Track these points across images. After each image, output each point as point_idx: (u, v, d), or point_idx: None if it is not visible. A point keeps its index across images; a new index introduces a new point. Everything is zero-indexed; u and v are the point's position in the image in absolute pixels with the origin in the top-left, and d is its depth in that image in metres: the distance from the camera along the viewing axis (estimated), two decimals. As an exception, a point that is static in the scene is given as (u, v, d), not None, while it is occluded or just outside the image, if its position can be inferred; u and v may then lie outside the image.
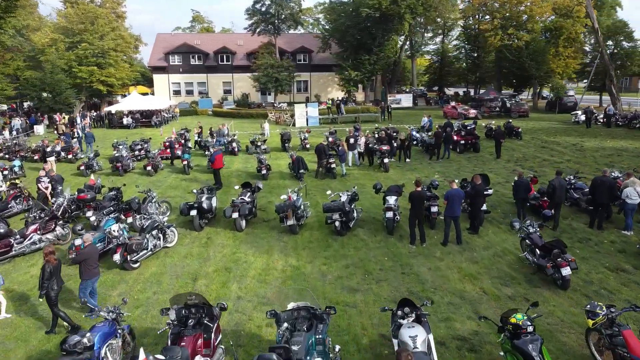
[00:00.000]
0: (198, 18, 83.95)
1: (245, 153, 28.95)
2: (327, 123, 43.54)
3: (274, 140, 33.12)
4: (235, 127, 41.33)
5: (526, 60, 45.38)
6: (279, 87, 54.22)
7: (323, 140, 28.36)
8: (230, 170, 24.41)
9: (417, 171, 22.86)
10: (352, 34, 51.64)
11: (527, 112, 42.59)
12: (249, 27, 55.28)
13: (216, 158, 20.72)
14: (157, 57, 62.43)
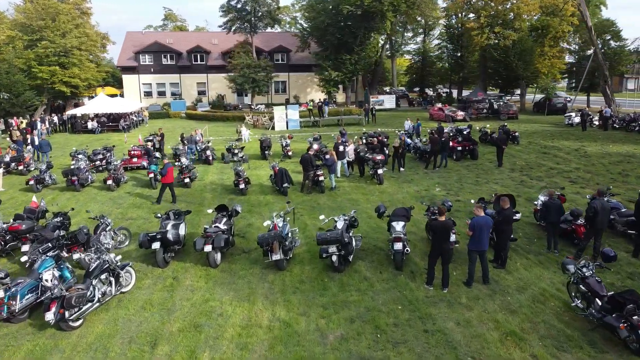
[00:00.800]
0: (170, 16, 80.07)
1: (221, 161, 25.94)
2: (308, 126, 40.77)
3: (253, 146, 30.16)
4: (209, 131, 38.17)
5: (513, 60, 43.38)
6: (256, 88, 51.20)
7: (308, 148, 25.84)
8: (203, 183, 21.39)
9: (414, 183, 20.25)
10: (332, 32, 48.94)
11: (516, 114, 40.57)
12: (224, 25, 52.06)
13: (168, 171, 17.73)
14: (126, 56, 58.68)
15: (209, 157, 25.30)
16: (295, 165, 24.17)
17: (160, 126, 35.11)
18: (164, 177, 17.81)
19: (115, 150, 28.73)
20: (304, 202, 17.92)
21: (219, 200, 18.63)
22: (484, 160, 24.26)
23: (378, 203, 17.09)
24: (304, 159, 18.89)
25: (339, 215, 13.07)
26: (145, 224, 15.72)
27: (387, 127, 38.52)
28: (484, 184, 19.63)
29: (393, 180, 20.71)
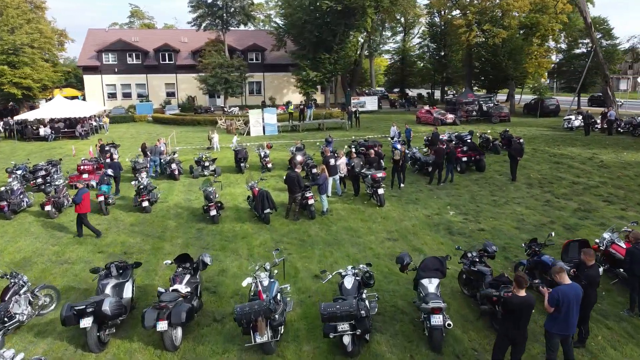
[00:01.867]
0: (137, 13, 74.86)
1: (189, 176, 22.00)
2: (287, 131, 37.03)
3: (226, 156, 26.25)
4: (177, 138, 34.00)
5: (503, 59, 40.56)
6: (229, 89, 47.14)
7: (290, 159, 22.18)
8: (166, 206, 17.44)
9: (421, 204, 16.77)
10: (310, 30, 45.36)
11: (508, 117, 37.69)
12: (194, 21, 47.76)
13: (83, 198, 13.83)
14: (87, 55, 53.76)
15: (175, 172, 21.31)
16: (277, 181, 20.50)
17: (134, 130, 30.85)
18: (77, 206, 13.87)
19: (66, 163, 24.54)
20: (291, 234, 14.22)
21: (184, 230, 14.78)
22: (492, 173, 20.99)
23: (383, 234, 13.65)
24: (289, 179, 15.18)
25: (345, 267, 9.43)
26: (84, 273, 11.76)
27: (372, 132, 35.10)
28: (504, 205, 16.29)
29: (395, 201, 17.18)
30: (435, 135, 24.16)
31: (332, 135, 26.26)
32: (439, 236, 13.56)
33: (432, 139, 24.22)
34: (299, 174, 15.29)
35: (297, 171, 15.39)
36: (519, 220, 14.66)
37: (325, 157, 17.77)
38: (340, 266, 11.64)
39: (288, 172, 15.41)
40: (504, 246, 12.57)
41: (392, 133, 27.89)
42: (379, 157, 18.95)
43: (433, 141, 23.98)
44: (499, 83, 44.58)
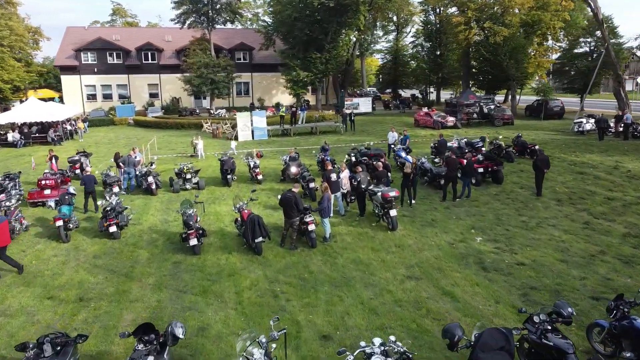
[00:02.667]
0: (119, 11, 71.35)
1: (169, 190, 19.20)
2: (277, 135, 34.29)
3: (211, 165, 23.46)
4: (159, 143, 31.08)
5: (504, 58, 38.24)
6: (216, 91, 44.25)
7: (284, 170, 19.52)
8: (139, 230, 14.64)
9: (440, 227, 14.18)
10: (300, 28, 42.65)
11: (511, 119, 35.36)
12: (177, 18, 44.72)
13: (0, 228, 11.11)
14: (65, 54, 50.45)
15: (152, 186, 18.46)
16: (268, 196, 17.84)
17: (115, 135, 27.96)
18: None
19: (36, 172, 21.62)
20: (289, 269, 11.55)
21: (158, 264, 12.03)
22: (511, 185, 18.50)
23: (402, 269, 11.07)
24: (286, 201, 12.50)
25: (371, 342, 6.76)
26: (22, 332, 8.97)
27: (369, 137, 32.52)
28: (537, 228, 13.78)
29: (408, 222, 14.58)
30: (442, 143, 21.65)
31: (327, 142, 23.56)
32: (470, 273, 10.97)
33: (439, 147, 21.71)
34: (296, 194, 12.60)
35: (294, 191, 12.69)
36: (561, 249, 12.14)
37: (326, 172, 15.07)
38: (354, 319, 9.08)
39: (284, 193, 12.70)
40: (556, 288, 10.04)
41: (390, 139, 25.02)
42: (387, 170, 16.33)
43: (440, 150, 21.51)
44: (499, 83, 42.27)
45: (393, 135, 24.88)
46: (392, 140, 24.76)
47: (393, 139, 24.74)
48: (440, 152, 21.32)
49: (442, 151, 21.20)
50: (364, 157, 19.82)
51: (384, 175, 15.40)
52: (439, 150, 21.59)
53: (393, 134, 24.95)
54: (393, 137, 24.82)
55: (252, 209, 14.36)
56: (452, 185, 16.61)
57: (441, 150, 21.35)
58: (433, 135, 31.82)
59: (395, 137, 24.68)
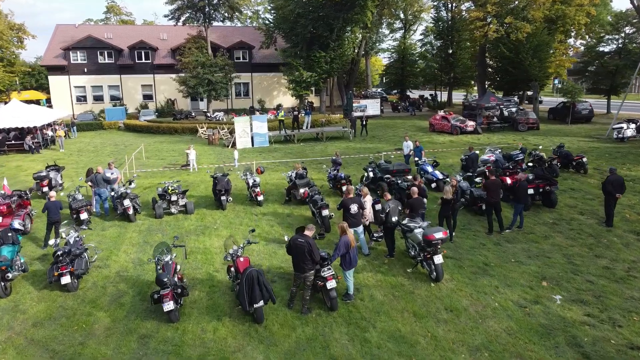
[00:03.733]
0: (113, 8, 67.63)
1: (151, 213, 15.69)
2: (279, 142, 30.74)
3: (204, 179, 19.91)
4: (148, 151, 27.57)
5: (526, 56, 34.67)
6: (213, 92, 40.69)
7: (289, 189, 16.05)
8: (104, 277, 11.12)
9: (496, 274, 10.66)
10: (303, 24, 39.13)
11: (537, 124, 31.82)
12: (172, 14, 41.10)
13: None
14: (54, 53, 46.90)
15: (129, 210, 14.91)
16: (270, 224, 14.37)
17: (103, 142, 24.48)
18: None
19: None
20: (301, 350, 8.05)
21: (119, 337, 8.54)
22: (567, 210, 14.98)
23: (464, 355, 7.52)
24: (296, 249, 8.99)
25: None
26: None
27: (380, 143, 29.01)
28: (631, 280, 10.27)
29: (454, 268, 11.04)
30: (474, 158, 18.08)
31: (338, 152, 20.00)
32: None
33: (468, 162, 18.15)
34: (310, 240, 9.06)
35: (307, 235, 9.15)
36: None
37: (344, 200, 11.48)
38: None
39: (293, 238, 9.16)
40: None
41: (405, 149, 21.43)
42: (423, 195, 12.78)
43: (469, 165, 17.96)
44: (519, 84, 38.71)
45: (408, 144, 21.35)
46: (408, 150, 21.24)
47: (408, 149, 21.22)
48: (467, 168, 17.83)
49: (471, 167, 17.72)
50: (387, 176, 16.30)
51: (421, 205, 11.86)
52: (468, 165, 18.08)
53: (408, 143, 21.41)
54: (408, 146, 21.30)
55: (250, 252, 10.89)
56: (496, 213, 13.08)
57: (471, 166, 17.85)
58: (453, 142, 28.35)
59: (410, 147, 21.14)
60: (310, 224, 9.39)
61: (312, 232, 9.28)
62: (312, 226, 9.34)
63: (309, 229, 9.28)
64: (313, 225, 9.40)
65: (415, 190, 11.88)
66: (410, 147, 21.17)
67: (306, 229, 9.30)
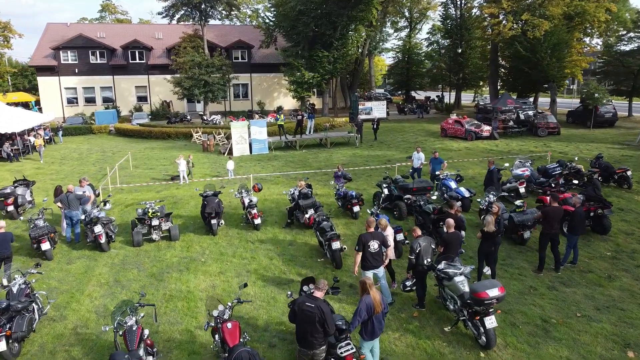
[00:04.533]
0: (108, 7, 65.03)
1: (129, 240, 13.18)
2: (279, 148, 28.22)
3: (193, 195, 17.37)
4: (137, 159, 25.05)
5: (544, 55, 32.16)
6: (210, 94, 38.19)
7: (291, 211, 13.64)
8: (55, 337, 8.61)
9: (562, 335, 8.16)
10: (305, 22, 36.63)
11: (558, 128, 29.31)
12: (166, 11, 38.55)
13: None
14: (43, 53, 44.37)
15: (100, 239, 12.39)
16: (269, 256, 11.91)
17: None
18: None
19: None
20: None
21: None
22: (624, 238, 12.49)
23: None
24: (304, 317, 6.51)
25: None
26: None
27: (389, 149, 26.50)
28: None
29: (504, 324, 8.54)
30: (493, 175, 15.29)
31: (341, 166, 17.48)
32: None
33: (488, 178, 15.41)
34: (322, 303, 6.55)
35: (317, 296, 6.64)
36: None
37: (363, 236, 8.88)
38: None
39: (299, 300, 6.67)
40: None
41: (415, 161, 18.19)
42: (461, 227, 10.27)
43: (489, 182, 15.28)
44: (534, 85, 36.19)
45: (419, 156, 18.16)
46: (419, 163, 18.17)
47: (419, 162, 18.15)
48: (489, 185, 15.10)
49: (492, 183, 15.04)
50: (405, 195, 13.82)
51: (459, 242, 9.33)
52: (488, 183, 15.30)
53: (419, 154, 18.18)
54: (419, 158, 18.13)
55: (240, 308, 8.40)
56: (553, 247, 10.58)
57: (491, 183, 15.12)
58: (469, 149, 25.85)
59: (422, 159, 18.12)
60: (322, 281, 6.87)
61: (323, 292, 6.77)
62: (324, 283, 6.83)
63: (319, 288, 6.77)
64: (325, 281, 6.86)
65: (451, 223, 9.33)
66: (422, 159, 18.16)
67: (316, 288, 6.79)
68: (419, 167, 18.14)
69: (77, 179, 21.30)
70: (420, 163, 18.15)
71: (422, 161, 18.12)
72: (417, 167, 18.17)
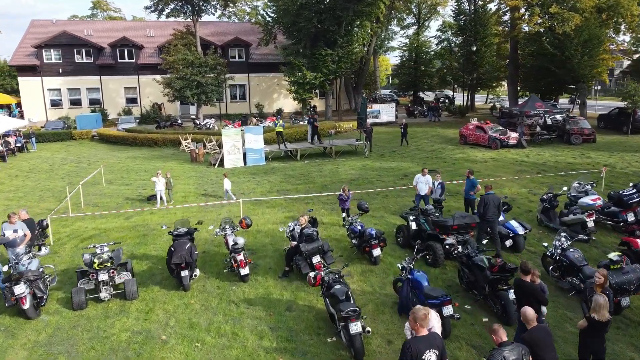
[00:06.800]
0: (100, 4, 61.33)
1: (69, 302, 9.51)
2: (278, 158, 24.55)
3: (169, 222, 13.70)
4: (114, 172, 21.37)
5: (575, 53, 28.45)
6: (203, 96, 34.56)
7: (291, 258, 10.08)
8: None
9: None
10: (307, 17, 32.95)
11: (593, 135, 25.63)
12: (154, 5, 34.86)
13: None
14: (25, 52, 40.79)
15: (23, 304, 8.72)
16: (256, 329, 8.15)
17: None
18: None
19: None
20: None
21: None
22: None
23: None
24: None
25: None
26: None
27: (404, 160, 22.82)
28: None
29: None
30: (492, 200, 11.38)
31: (346, 187, 13.83)
32: None
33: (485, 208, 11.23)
34: None
35: None
36: None
37: (410, 345, 5.25)
38: None
39: None
40: None
41: (421, 187, 13.84)
42: (540, 300, 6.64)
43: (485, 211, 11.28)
44: (561, 86, 32.51)
45: (426, 180, 13.76)
46: (425, 190, 13.79)
47: (427, 187, 13.78)
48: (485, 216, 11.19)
49: (489, 216, 11.01)
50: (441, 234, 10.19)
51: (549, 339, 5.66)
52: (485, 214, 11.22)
53: (425, 177, 13.78)
54: (426, 183, 13.73)
55: None
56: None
57: (487, 213, 10.97)
58: (496, 160, 22.21)
59: (429, 184, 13.77)
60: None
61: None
62: None
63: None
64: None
65: (531, 316, 5.64)
66: (429, 182, 13.74)
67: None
68: (424, 195, 13.89)
69: (37, 198, 17.80)
70: (427, 187, 13.79)
71: (430, 185, 13.79)
72: (424, 194, 13.85)
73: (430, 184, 13.87)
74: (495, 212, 11.01)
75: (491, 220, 10.98)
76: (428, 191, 13.83)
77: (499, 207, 11.07)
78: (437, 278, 10.09)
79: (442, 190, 13.79)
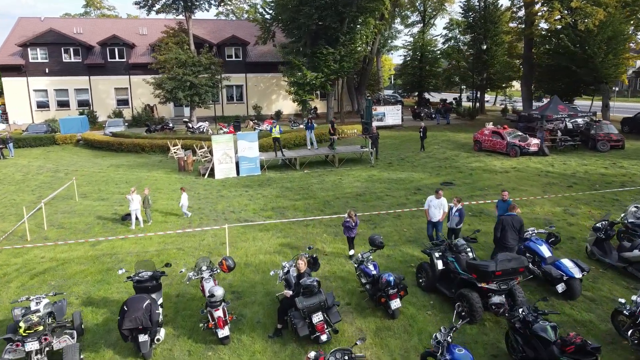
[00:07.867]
0: (93, 2, 58.74)
1: None
2: (275, 167, 22.06)
3: (137, 254, 11.25)
4: (92, 184, 18.91)
5: (598, 51, 25.97)
6: (196, 97, 32.14)
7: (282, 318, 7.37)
8: None
9: None
10: (308, 14, 30.47)
11: (622, 142, 23.16)
12: (143, 1, 32.33)
13: None
14: (9, 50, 38.37)
15: None
16: None
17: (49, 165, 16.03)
18: None
19: None
20: None
21: None
22: None
23: None
24: None
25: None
26: None
27: (415, 170, 20.34)
28: None
29: None
30: (514, 221, 9.33)
31: (352, 211, 11.40)
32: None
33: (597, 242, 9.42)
34: None
35: None
36: None
37: None
38: None
39: None
40: None
41: (435, 213, 11.21)
42: None
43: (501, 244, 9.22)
44: (581, 87, 30.01)
45: (440, 204, 11.20)
46: (439, 216, 11.20)
47: (440, 214, 11.20)
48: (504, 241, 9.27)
49: (509, 242, 9.24)
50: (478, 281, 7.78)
51: None
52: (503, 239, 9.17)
53: (439, 201, 11.21)
54: (441, 207, 11.19)
55: None
56: None
57: (506, 238, 9.26)
58: (518, 170, 19.72)
59: (444, 209, 11.22)
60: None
61: None
62: None
63: None
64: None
65: None
66: (444, 207, 11.20)
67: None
68: (437, 222, 11.35)
69: None
70: (442, 214, 11.24)
71: (446, 210, 11.24)
72: (437, 220, 11.27)
73: (446, 209, 11.24)
74: (516, 237, 9.41)
75: (511, 247, 9.30)
76: (442, 217, 11.31)
77: (520, 231, 9.43)
78: (476, 342, 7.64)
79: (461, 219, 11.12)
